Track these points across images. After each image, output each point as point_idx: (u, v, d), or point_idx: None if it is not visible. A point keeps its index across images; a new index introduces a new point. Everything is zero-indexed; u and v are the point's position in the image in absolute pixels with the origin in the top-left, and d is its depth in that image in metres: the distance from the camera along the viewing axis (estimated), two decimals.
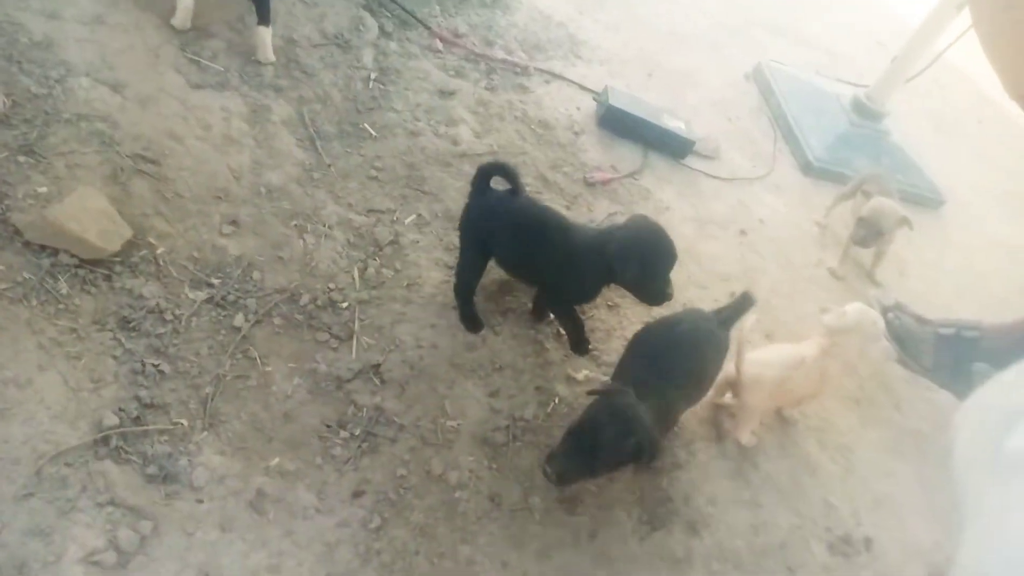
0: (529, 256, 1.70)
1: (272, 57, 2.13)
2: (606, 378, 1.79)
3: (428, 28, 2.46)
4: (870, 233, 2.23)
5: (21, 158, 1.62)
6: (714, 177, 2.51)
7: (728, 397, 1.83)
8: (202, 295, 1.59)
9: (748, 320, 1.71)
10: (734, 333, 1.69)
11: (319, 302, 1.69)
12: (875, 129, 2.92)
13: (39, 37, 1.83)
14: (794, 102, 2.94)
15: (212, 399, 1.45)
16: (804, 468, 1.84)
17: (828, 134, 2.84)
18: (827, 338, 1.78)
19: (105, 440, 1.33)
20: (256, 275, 1.68)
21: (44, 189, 1.59)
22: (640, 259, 1.58)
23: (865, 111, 2.93)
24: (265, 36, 2.08)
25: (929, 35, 2.72)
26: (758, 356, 1.76)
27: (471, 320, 1.78)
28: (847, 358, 1.79)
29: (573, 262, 1.66)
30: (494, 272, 1.84)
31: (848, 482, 1.85)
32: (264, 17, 2.06)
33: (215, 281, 1.63)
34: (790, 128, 2.85)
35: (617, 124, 2.45)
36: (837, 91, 3.09)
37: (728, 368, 1.76)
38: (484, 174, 1.68)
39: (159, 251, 1.62)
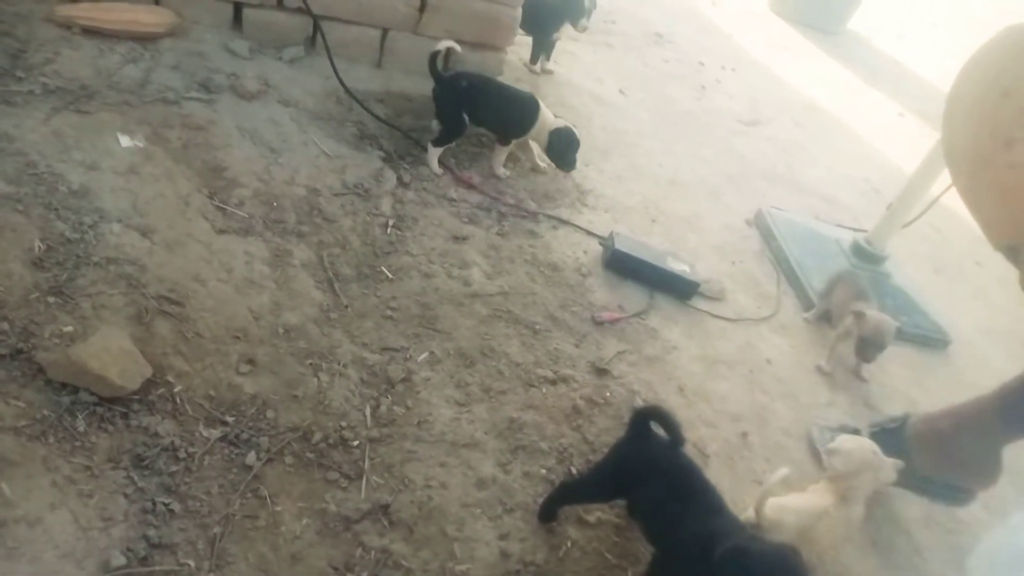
0: (662, 517, 1.58)
1: (504, 172, 2.74)
2: (619, 520, 1.77)
3: (451, 171, 2.63)
4: (876, 350, 2.37)
5: (50, 299, 1.68)
6: (720, 318, 2.56)
7: None
8: (216, 433, 1.61)
9: (779, 473, 1.70)
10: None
11: (330, 440, 1.70)
12: (876, 272, 2.99)
13: (76, 186, 1.94)
14: (795, 246, 3.04)
15: (220, 539, 1.44)
16: None
17: (830, 276, 2.91)
18: (842, 482, 1.76)
19: None
20: (270, 413, 1.70)
21: (70, 329, 1.65)
22: None
23: (865, 255, 3.02)
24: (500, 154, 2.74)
25: (923, 182, 2.85)
26: (779, 502, 1.74)
27: (548, 513, 1.70)
28: (866, 496, 1.77)
29: (693, 544, 1.46)
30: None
31: None
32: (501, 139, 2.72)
33: (229, 419, 1.65)
34: (793, 271, 2.92)
35: (623, 267, 2.54)
36: (837, 235, 3.19)
37: (748, 513, 1.74)
38: (642, 417, 1.61)
39: (176, 389, 1.65)
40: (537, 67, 3.50)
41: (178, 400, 1.63)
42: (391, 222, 2.34)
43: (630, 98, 3.77)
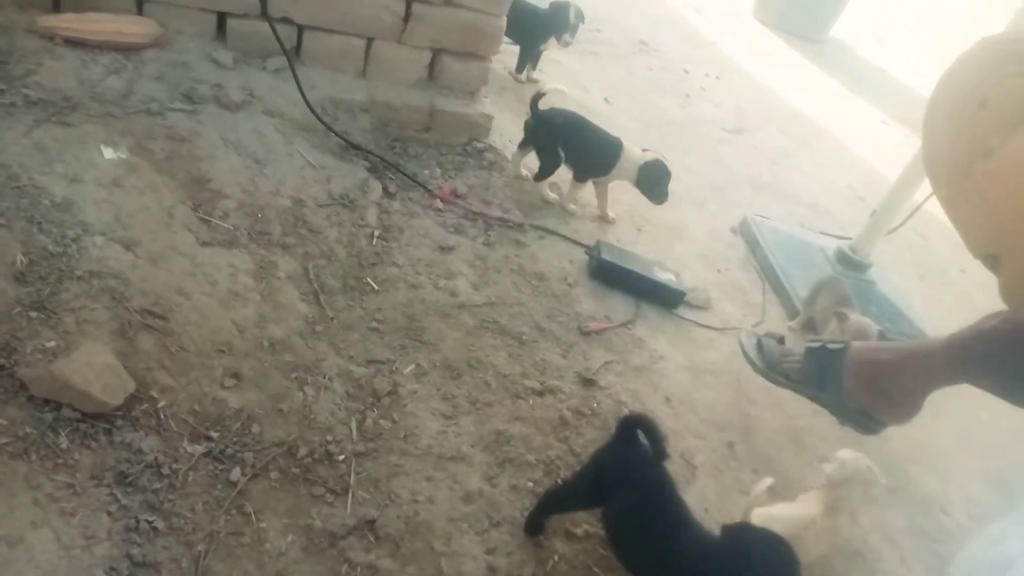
0: (636, 536, 1.56)
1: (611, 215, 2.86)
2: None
3: (428, 191, 2.60)
4: None
5: (32, 314, 1.66)
6: (706, 327, 2.57)
7: None
8: (200, 449, 1.60)
9: (763, 483, 1.71)
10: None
11: (316, 455, 1.69)
12: (861, 279, 3.01)
13: (59, 199, 1.92)
14: (781, 254, 3.05)
15: (204, 557, 1.43)
16: None
17: (814, 283, 2.92)
18: (831, 491, 1.77)
19: None
20: (255, 428, 1.69)
21: (52, 344, 1.63)
22: None
23: (850, 262, 3.04)
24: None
25: (907, 189, 2.88)
26: (766, 512, 1.74)
27: (535, 525, 1.70)
28: (853, 508, 1.78)
29: (670, 566, 1.49)
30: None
31: None
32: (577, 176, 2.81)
33: (214, 435, 1.64)
34: (778, 279, 2.94)
35: (609, 276, 2.54)
36: (821, 243, 3.21)
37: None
38: (629, 426, 1.60)
39: (160, 404, 1.64)
40: (523, 76, 3.51)
41: (162, 415, 1.62)
42: (376, 233, 2.33)
43: (615, 106, 3.78)
